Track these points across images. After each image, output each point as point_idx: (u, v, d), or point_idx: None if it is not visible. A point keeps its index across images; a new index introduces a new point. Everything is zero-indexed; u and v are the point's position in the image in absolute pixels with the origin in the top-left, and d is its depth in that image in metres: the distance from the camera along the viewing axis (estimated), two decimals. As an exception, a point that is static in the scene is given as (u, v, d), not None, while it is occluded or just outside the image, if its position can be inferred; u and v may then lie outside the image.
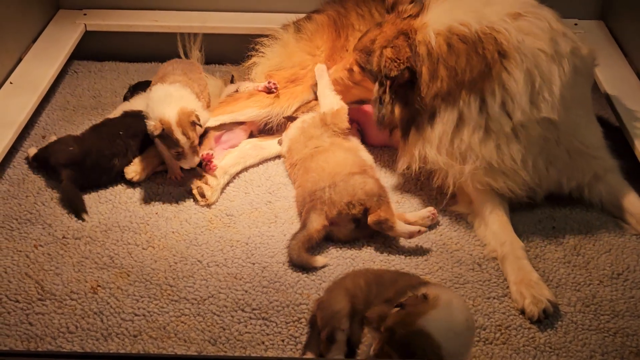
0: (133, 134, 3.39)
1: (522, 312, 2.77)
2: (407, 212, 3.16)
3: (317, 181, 3.09)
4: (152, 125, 3.15)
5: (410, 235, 3.00)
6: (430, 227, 3.14)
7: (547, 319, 2.75)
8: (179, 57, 3.87)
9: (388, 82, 3.08)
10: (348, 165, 3.14)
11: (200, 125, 3.21)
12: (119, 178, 3.36)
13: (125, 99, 3.73)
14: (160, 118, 3.15)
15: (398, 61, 3.02)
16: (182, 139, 3.15)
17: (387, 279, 2.61)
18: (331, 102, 3.39)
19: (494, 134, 3.00)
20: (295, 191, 3.25)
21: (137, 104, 3.52)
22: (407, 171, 3.25)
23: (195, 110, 3.22)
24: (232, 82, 3.81)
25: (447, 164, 3.09)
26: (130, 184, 3.35)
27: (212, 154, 3.34)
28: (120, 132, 3.39)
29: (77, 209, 3.18)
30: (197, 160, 3.24)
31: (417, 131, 3.10)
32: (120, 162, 3.34)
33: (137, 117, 3.34)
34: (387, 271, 2.76)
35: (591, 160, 3.15)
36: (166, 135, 3.15)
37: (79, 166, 3.28)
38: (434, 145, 3.06)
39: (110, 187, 3.34)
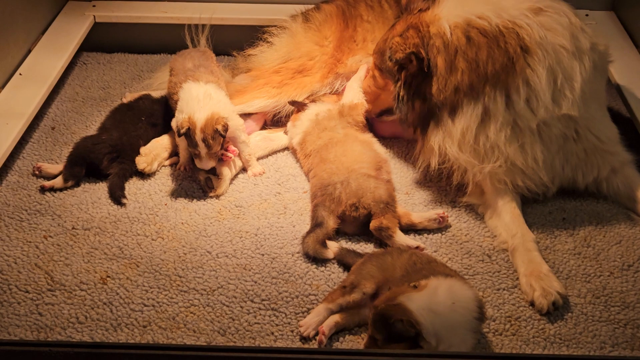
0: (149, 115, 3.49)
1: (532, 304, 2.76)
2: (414, 212, 3.10)
3: (332, 174, 3.09)
4: (180, 123, 3.17)
5: (408, 246, 2.95)
6: (439, 230, 3.09)
7: (556, 310, 2.74)
8: (187, 48, 3.87)
9: (402, 75, 3.06)
10: (365, 162, 3.15)
11: (224, 136, 3.20)
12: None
13: None
14: (190, 116, 3.16)
15: (404, 45, 3.00)
16: (200, 145, 3.16)
17: (419, 266, 2.64)
18: (354, 95, 3.45)
19: (520, 132, 2.97)
20: (311, 181, 3.24)
21: None
22: (427, 169, 3.22)
23: (226, 118, 3.21)
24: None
25: (468, 162, 3.05)
26: (140, 175, 3.36)
27: (237, 151, 3.35)
28: (143, 118, 3.48)
29: (117, 196, 3.19)
30: (211, 164, 3.24)
31: (436, 125, 3.06)
32: (143, 143, 3.40)
33: (147, 100, 3.47)
34: (424, 257, 2.75)
35: (607, 155, 3.13)
36: (189, 135, 3.16)
37: (123, 152, 3.31)
38: (456, 141, 3.03)
39: (120, 178, 3.34)
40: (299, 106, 3.51)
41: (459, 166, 3.12)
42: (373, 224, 2.98)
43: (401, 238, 2.96)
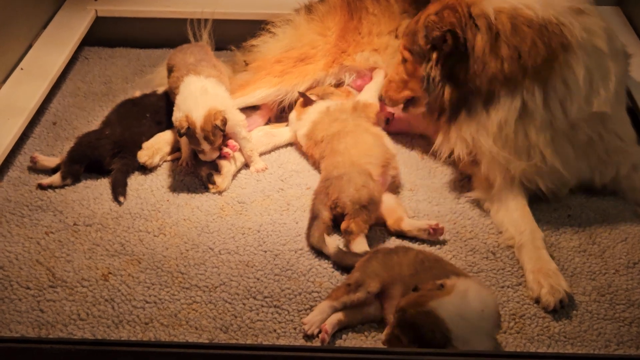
0: (154, 112, 3.49)
1: (537, 301, 2.74)
2: (407, 219, 3.02)
3: (335, 167, 3.09)
4: (178, 123, 3.15)
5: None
6: (433, 242, 3.01)
7: (562, 309, 2.72)
8: (189, 42, 3.86)
9: (434, 55, 2.96)
10: (374, 156, 3.13)
11: (223, 130, 3.18)
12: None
13: None
14: (187, 115, 3.14)
15: (441, 24, 2.90)
16: (203, 143, 3.16)
17: (427, 265, 2.62)
18: (370, 96, 3.45)
19: (554, 133, 2.93)
20: (322, 172, 3.23)
21: None
22: (450, 158, 3.17)
23: (224, 111, 3.19)
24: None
25: (506, 158, 2.97)
26: (142, 170, 3.34)
27: (237, 147, 3.33)
28: (147, 115, 3.48)
29: (117, 193, 3.18)
30: (215, 155, 3.24)
31: (468, 115, 2.97)
32: (147, 140, 3.39)
33: (153, 97, 3.50)
34: (431, 256, 2.73)
35: (627, 153, 3.11)
36: (190, 133, 3.14)
37: (125, 148, 3.29)
38: (491, 134, 2.94)
39: (121, 174, 3.32)
40: (307, 100, 3.48)
41: (488, 159, 3.03)
42: (342, 225, 2.95)
43: (357, 247, 2.89)
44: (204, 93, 3.21)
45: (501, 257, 2.94)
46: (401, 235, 3.01)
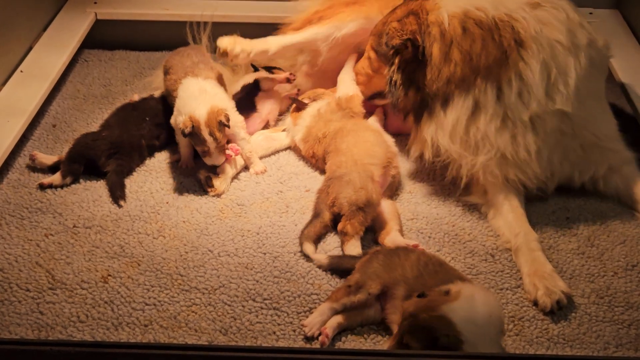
0: (154, 115, 3.50)
1: (535, 303, 2.75)
2: (392, 232, 2.96)
3: (338, 167, 3.09)
4: (183, 124, 3.15)
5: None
6: (442, 229, 3.06)
7: (560, 310, 2.72)
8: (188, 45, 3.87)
9: (396, 60, 3.06)
10: (376, 156, 3.14)
11: (228, 126, 3.20)
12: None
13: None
14: (190, 115, 3.14)
15: (402, 32, 3.01)
16: (209, 140, 3.15)
17: (431, 268, 2.62)
18: (347, 87, 3.45)
19: (511, 123, 2.96)
20: (326, 167, 3.24)
21: None
22: (420, 160, 3.23)
23: (225, 109, 3.21)
24: (255, 70, 3.79)
25: (460, 154, 3.05)
26: (140, 172, 3.35)
27: (238, 150, 3.33)
28: (147, 118, 3.49)
29: (116, 197, 3.18)
30: (222, 159, 3.24)
31: (429, 117, 3.07)
32: (146, 143, 3.40)
33: (152, 100, 3.52)
34: (434, 259, 2.72)
35: (606, 152, 3.11)
36: (195, 133, 3.14)
37: (122, 149, 3.30)
38: (447, 133, 3.03)
39: (121, 176, 3.33)
40: (299, 104, 3.49)
41: (452, 159, 3.11)
42: (338, 225, 2.96)
43: (350, 250, 2.89)
44: (203, 92, 3.23)
45: (500, 259, 2.95)
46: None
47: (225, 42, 3.51)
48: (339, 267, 2.84)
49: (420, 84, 3.04)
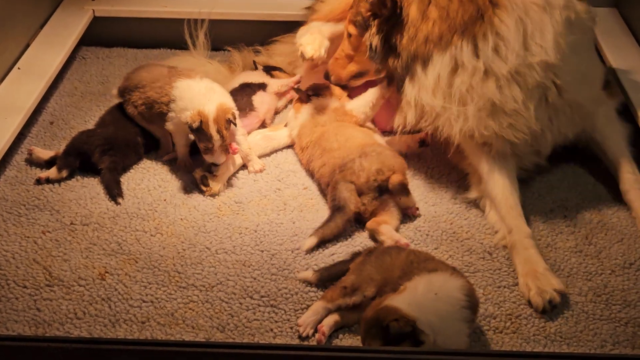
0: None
1: (529, 303, 2.76)
2: (391, 225, 3.01)
3: (346, 155, 3.09)
4: (191, 118, 3.14)
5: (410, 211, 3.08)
6: (440, 227, 3.08)
7: (555, 308, 2.73)
8: (186, 43, 3.91)
9: (375, 23, 3.10)
10: (371, 142, 3.17)
11: (235, 124, 3.21)
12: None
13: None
14: (199, 110, 3.14)
15: None
16: (215, 136, 3.14)
17: (415, 265, 2.62)
18: (358, 107, 3.39)
19: (494, 76, 2.99)
20: (319, 170, 3.22)
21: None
22: (404, 128, 3.25)
23: (233, 108, 3.23)
24: (255, 68, 3.79)
25: (444, 107, 3.06)
26: (138, 170, 3.34)
27: (237, 149, 3.32)
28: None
29: (113, 194, 3.18)
30: (223, 158, 3.23)
31: (411, 80, 3.10)
32: (142, 140, 3.40)
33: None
34: (422, 256, 2.72)
35: (591, 114, 3.17)
36: (201, 129, 3.14)
37: (116, 146, 3.29)
38: (430, 90, 3.05)
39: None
40: (303, 96, 3.48)
41: (438, 116, 3.10)
42: (395, 178, 3.01)
43: (412, 200, 3.08)
44: (211, 90, 3.24)
45: (497, 257, 2.95)
46: (372, 234, 3.01)
47: (308, 49, 3.41)
48: (330, 278, 2.79)
49: (400, 46, 3.08)
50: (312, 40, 3.43)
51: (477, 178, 3.19)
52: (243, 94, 3.59)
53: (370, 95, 3.38)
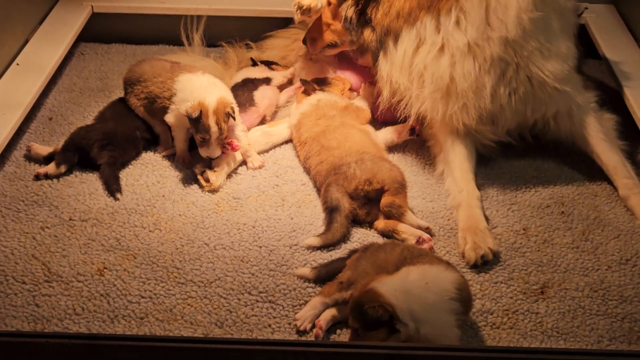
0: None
1: (462, 255, 2.86)
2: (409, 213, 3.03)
3: (344, 156, 3.10)
4: (191, 107, 3.15)
5: (418, 226, 2.96)
6: (438, 224, 3.08)
7: (485, 264, 2.82)
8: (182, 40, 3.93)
9: None
10: (370, 147, 3.17)
11: (234, 118, 3.22)
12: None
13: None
14: (200, 101, 3.16)
15: None
16: (213, 128, 3.15)
17: (408, 261, 2.63)
18: (364, 104, 3.48)
19: (448, 51, 3.04)
20: (316, 168, 3.22)
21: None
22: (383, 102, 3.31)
23: (232, 103, 3.25)
24: (253, 65, 3.79)
25: (406, 87, 3.14)
26: (136, 165, 3.35)
27: (238, 146, 3.33)
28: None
29: (112, 190, 3.19)
30: (218, 152, 3.24)
31: (384, 55, 3.18)
32: (141, 135, 3.41)
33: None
34: (415, 251, 2.73)
35: (555, 93, 3.14)
36: (200, 120, 3.15)
37: (115, 141, 3.30)
38: (398, 67, 3.14)
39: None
40: (308, 88, 3.48)
41: (401, 93, 3.19)
42: (385, 200, 2.98)
43: (412, 218, 2.98)
44: (213, 84, 3.28)
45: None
46: (390, 234, 3.00)
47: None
48: (328, 275, 2.80)
49: (374, 22, 3.16)
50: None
51: (439, 149, 3.29)
52: (245, 89, 3.61)
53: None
